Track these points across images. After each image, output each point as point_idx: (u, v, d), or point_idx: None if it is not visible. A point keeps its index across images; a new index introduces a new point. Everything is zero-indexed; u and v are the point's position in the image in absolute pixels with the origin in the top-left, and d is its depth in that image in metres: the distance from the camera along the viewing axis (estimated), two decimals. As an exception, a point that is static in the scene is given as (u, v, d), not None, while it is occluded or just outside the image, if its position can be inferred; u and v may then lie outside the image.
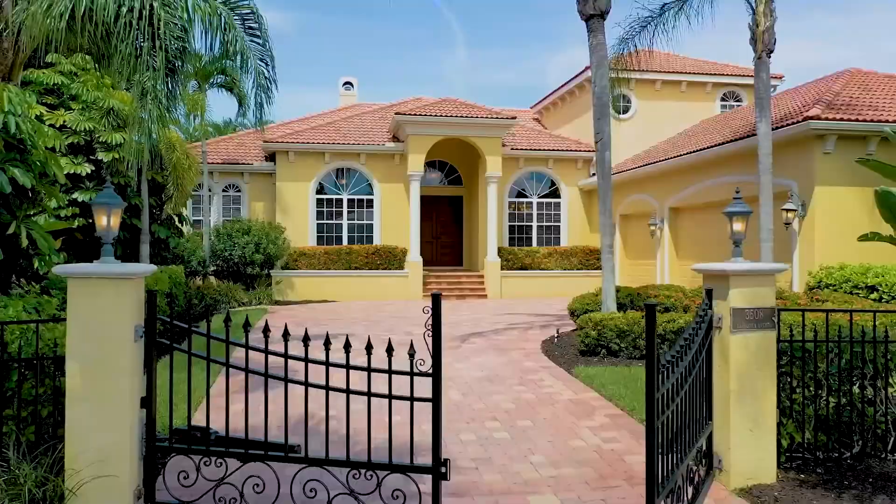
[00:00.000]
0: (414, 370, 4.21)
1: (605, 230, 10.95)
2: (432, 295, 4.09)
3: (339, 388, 4.35)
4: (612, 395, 7.84)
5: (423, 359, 4.23)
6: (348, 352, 4.24)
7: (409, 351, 4.23)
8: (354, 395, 4.26)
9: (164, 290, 11.47)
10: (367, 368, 4.21)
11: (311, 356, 4.45)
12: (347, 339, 4.26)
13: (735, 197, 5.89)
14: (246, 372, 4.43)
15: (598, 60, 10.86)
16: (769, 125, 11.95)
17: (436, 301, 4.09)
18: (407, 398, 4.25)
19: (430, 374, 4.18)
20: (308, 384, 4.29)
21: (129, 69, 6.83)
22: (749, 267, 5.50)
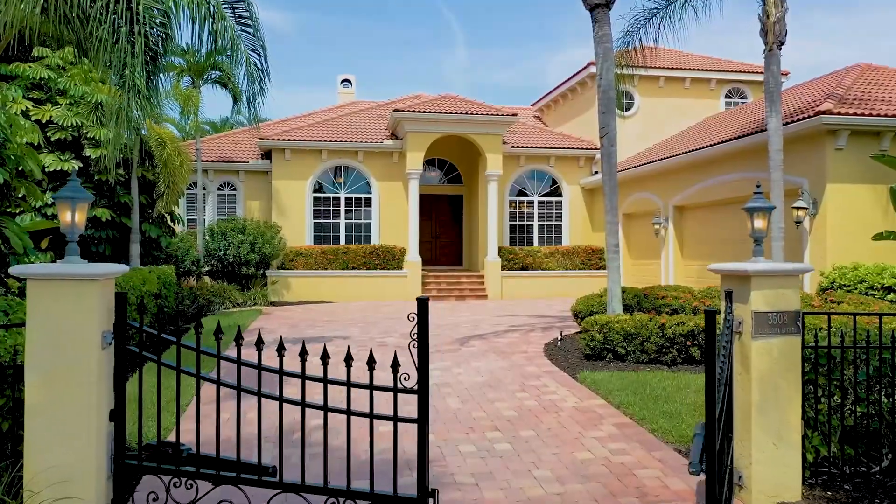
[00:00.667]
0: (398, 386, 3.72)
1: (610, 229, 10.53)
2: (418, 300, 3.64)
3: (317, 404, 3.90)
4: (620, 402, 7.41)
5: (408, 373, 3.78)
6: (326, 363, 3.76)
7: (392, 364, 3.72)
8: (333, 413, 3.80)
9: (152, 292, 11.04)
10: (347, 383, 3.74)
11: (292, 368, 3.99)
12: (325, 350, 3.81)
13: (756, 192, 5.47)
14: (217, 385, 4.00)
15: (604, 52, 10.44)
16: (780, 120, 11.52)
17: (422, 306, 3.63)
18: (389, 418, 3.78)
19: (416, 392, 3.69)
20: (283, 400, 3.83)
21: (107, 55, 6.42)
22: (772, 267, 5.08)
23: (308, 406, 3.79)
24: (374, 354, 3.93)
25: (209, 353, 4.03)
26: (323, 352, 3.77)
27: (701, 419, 6.79)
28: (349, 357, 3.67)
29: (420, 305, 3.62)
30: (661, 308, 10.60)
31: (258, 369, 3.81)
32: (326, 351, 3.75)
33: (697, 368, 8.99)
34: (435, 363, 9.67)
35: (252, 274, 19.36)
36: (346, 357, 3.68)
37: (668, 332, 8.98)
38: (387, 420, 3.79)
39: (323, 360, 3.71)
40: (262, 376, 3.88)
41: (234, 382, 3.95)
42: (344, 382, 3.72)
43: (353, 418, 3.79)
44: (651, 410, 7.06)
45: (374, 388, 3.68)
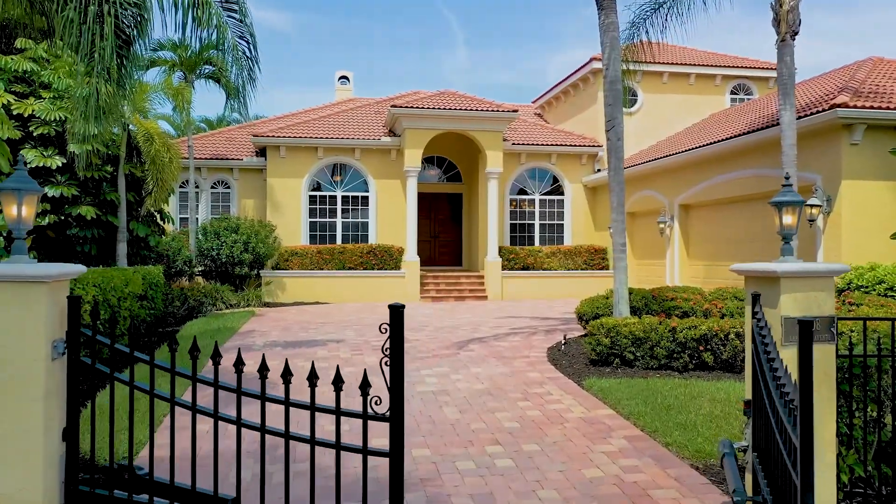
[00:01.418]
0: (368, 412, 3.14)
1: (617, 227, 10.02)
2: (391, 308, 3.10)
3: (278, 430, 3.34)
4: (630, 412, 6.90)
5: (379, 396, 3.22)
6: (287, 382, 3.20)
7: (361, 384, 3.15)
8: (295, 441, 3.26)
9: (135, 293, 10.53)
10: (311, 406, 3.18)
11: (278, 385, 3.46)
12: (287, 366, 3.25)
13: (784, 184, 4.96)
14: (172, 404, 3.47)
15: (611, 41, 9.93)
16: (794, 114, 11.02)
17: (395, 315, 3.06)
18: (358, 450, 3.20)
19: (388, 419, 3.14)
20: (241, 424, 3.28)
21: (73, 38, 5.92)
22: (803, 268, 4.57)
23: (267, 432, 3.25)
24: (364, 358, 3.38)
25: (162, 366, 3.50)
26: (284, 368, 3.21)
27: (720, 432, 6.30)
28: (312, 375, 3.11)
29: (393, 314, 3.05)
30: (671, 310, 10.10)
31: (215, 388, 3.28)
32: (288, 368, 3.18)
33: (710, 375, 8.49)
34: (432, 368, 9.17)
35: (246, 274, 18.85)
36: (309, 375, 3.13)
37: (679, 337, 8.47)
38: (355, 452, 3.22)
39: (284, 377, 3.17)
40: (218, 396, 3.33)
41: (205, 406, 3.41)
42: (307, 405, 3.15)
43: (311, 464, 3.25)
44: (664, 422, 6.55)
45: (342, 414, 3.12)
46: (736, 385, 7.89)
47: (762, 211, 14.41)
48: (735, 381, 8.20)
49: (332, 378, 3.27)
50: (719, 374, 8.48)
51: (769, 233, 14.10)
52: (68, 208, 12.84)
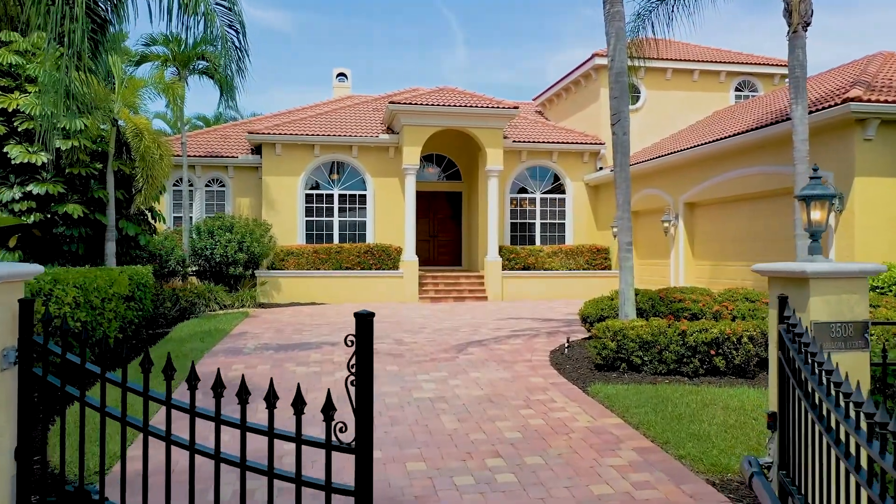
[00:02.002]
0: (332, 440, 2.68)
1: (623, 225, 9.60)
2: (357, 316, 2.66)
3: (233, 458, 2.88)
4: (640, 422, 6.49)
5: (344, 423, 2.75)
6: (244, 402, 2.75)
7: (324, 407, 2.68)
8: (253, 472, 2.82)
9: (121, 294, 10.11)
10: (269, 432, 2.71)
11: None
12: (243, 381, 2.80)
13: (812, 177, 4.55)
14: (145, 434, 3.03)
15: (616, 31, 9.51)
16: (806, 108, 10.59)
17: (364, 326, 2.62)
18: (321, 486, 2.74)
19: (354, 450, 2.68)
20: (194, 450, 2.81)
21: (40, 18, 5.51)
22: (835, 268, 4.16)
23: (223, 461, 2.80)
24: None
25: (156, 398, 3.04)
26: (240, 385, 2.76)
27: (736, 444, 5.88)
28: (271, 394, 2.67)
29: (360, 324, 2.61)
30: (679, 312, 9.68)
31: (167, 406, 2.84)
32: (245, 384, 2.73)
33: (722, 381, 8.07)
34: (429, 373, 8.75)
35: (240, 274, 18.43)
36: (266, 394, 2.68)
37: (689, 340, 8.05)
38: (317, 488, 2.77)
39: (239, 395, 2.72)
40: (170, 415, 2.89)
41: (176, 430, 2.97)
42: (264, 430, 2.69)
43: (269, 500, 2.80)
44: (675, 432, 6.14)
45: (303, 442, 2.66)
46: (750, 392, 7.47)
47: (770, 209, 13.99)
48: (748, 387, 7.79)
49: (322, 387, 2.85)
50: (731, 380, 8.07)
51: (785, 231, 13.69)
52: (54, 206, 12.43)
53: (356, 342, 2.51)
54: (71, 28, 5.40)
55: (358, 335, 2.53)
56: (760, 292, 10.44)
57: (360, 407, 2.55)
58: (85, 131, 12.52)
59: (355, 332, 2.56)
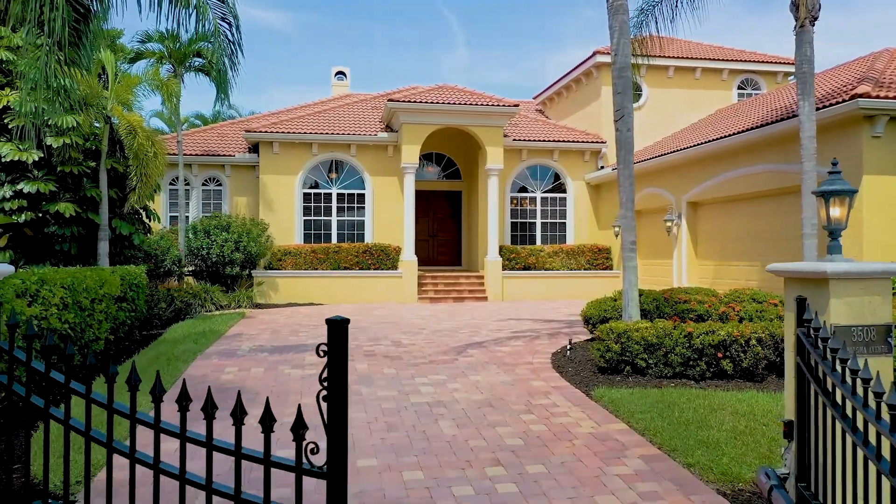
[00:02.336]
0: (303, 463, 2.38)
1: (626, 224, 9.35)
2: (330, 323, 2.37)
3: (198, 480, 2.58)
4: (646, 428, 6.24)
5: (316, 443, 2.44)
6: (210, 417, 2.47)
7: (294, 425, 2.39)
8: (220, 496, 2.53)
9: (112, 295, 9.86)
10: (236, 452, 2.41)
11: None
12: (209, 395, 2.52)
13: (831, 171, 4.32)
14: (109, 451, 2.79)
15: (620, 25, 9.26)
16: (813, 105, 10.35)
17: (336, 332, 2.31)
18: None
19: (325, 475, 2.38)
20: (158, 470, 2.52)
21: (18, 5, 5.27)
22: (857, 268, 3.92)
23: (187, 482, 2.53)
24: (355, 365, 2.65)
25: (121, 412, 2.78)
26: (206, 399, 2.48)
27: (747, 451, 5.64)
28: (238, 409, 2.38)
29: (333, 332, 2.29)
30: (685, 314, 9.43)
31: (107, 411, 2.57)
32: (212, 399, 2.45)
33: (730, 384, 7.83)
34: (428, 376, 8.51)
35: (237, 274, 18.18)
36: (233, 410, 2.39)
37: (695, 343, 7.80)
38: None
39: (205, 409, 2.45)
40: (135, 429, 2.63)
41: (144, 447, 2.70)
42: (231, 450, 2.40)
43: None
44: (683, 439, 5.90)
45: (272, 464, 2.37)
46: (759, 396, 7.23)
47: (776, 208, 13.75)
48: (757, 391, 7.55)
49: (315, 392, 2.59)
50: (739, 384, 7.82)
51: (792, 231, 13.44)
52: (46, 205, 12.19)
53: (328, 352, 2.24)
54: (51, 17, 5.16)
55: (331, 344, 2.25)
56: (767, 293, 10.20)
57: (333, 426, 2.27)
58: (77, 128, 12.28)
59: (327, 341, 2.28)
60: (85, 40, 6.25)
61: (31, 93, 7.55)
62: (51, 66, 5.79)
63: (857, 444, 2.76)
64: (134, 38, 17.32)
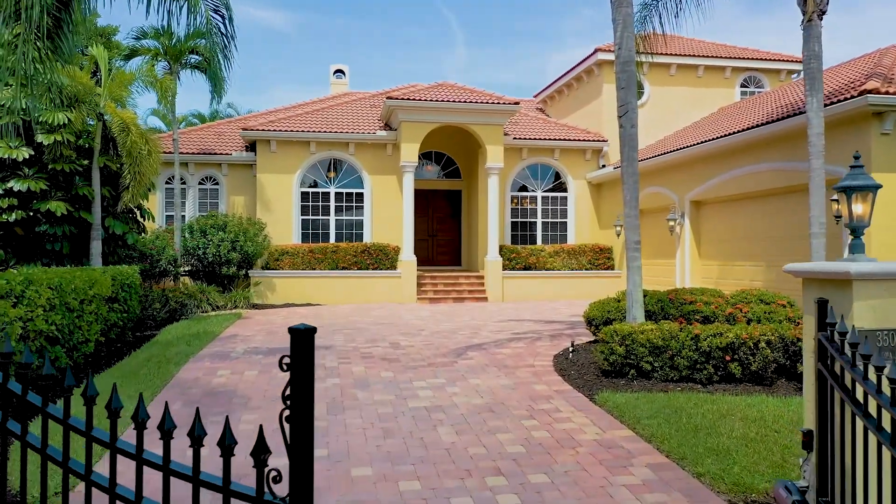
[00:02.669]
0: (264, 493, 2.00)
1: (630, 223, 9.10)
2: (293, 332, 1.97)
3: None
4: (653, 434, 5.99)
5: (279, 471, 2.02)
6: (167, 437, 2.08)
7: (253, 451, 1.99)
8: None
9: (102, 296, 9.61)
10: (194, 478, 2.01)
11: None
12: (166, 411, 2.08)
13: (853, 165, 4.07)
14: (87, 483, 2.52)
15: (624, 18, 9.02)
16: (821, 101, 10.10)
17: (301, 343, 1.94)
18: None
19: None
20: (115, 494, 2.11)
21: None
22: (883, 268, 3.67)
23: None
24: (351, 368, 2.32)
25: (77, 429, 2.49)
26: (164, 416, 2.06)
27: (760, 460, 5.39)
28: (195, 429, 1.97)
29: (297, 342, 1.93)
30: (690, 315, 9.18)
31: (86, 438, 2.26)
32: (168, 414, 2.07)
33: (738, 388, 7.58)
34: (426, 380, 8.26)
35: (234, 274, 17.93)
36: (190, 429, 1.98)
37: (702, 345, 7.55)
38: None
39: (161, 428, 2.02)
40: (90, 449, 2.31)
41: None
42: (189, 476, 2.00)
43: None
44: (692, 446, 5.65)
45: (231, 494, 2.00)
46: (769, 401, 6.98)
47: (782, 207, 13.51)
48: (766, 395, 7.30)
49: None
50: (748, 388, 7.57)
51: (799, 230, 13.20)
52: (37, 204, 11.94)
53: (291, 366, 1.94)
54: (28, 3, 4.93)
55: (294, 356, 1.92)
56: (775, 293, 9.95)
57: (298, 451, 1.92)
58: (69, 125, 12.04)
59: (290, 353, 1.97)
60: (66, 30, 6.01)
61: (22, 88, 7.30)
62: (29, 56, 5.54)
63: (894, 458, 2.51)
64: (129, 35, 17.08)
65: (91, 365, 9.32)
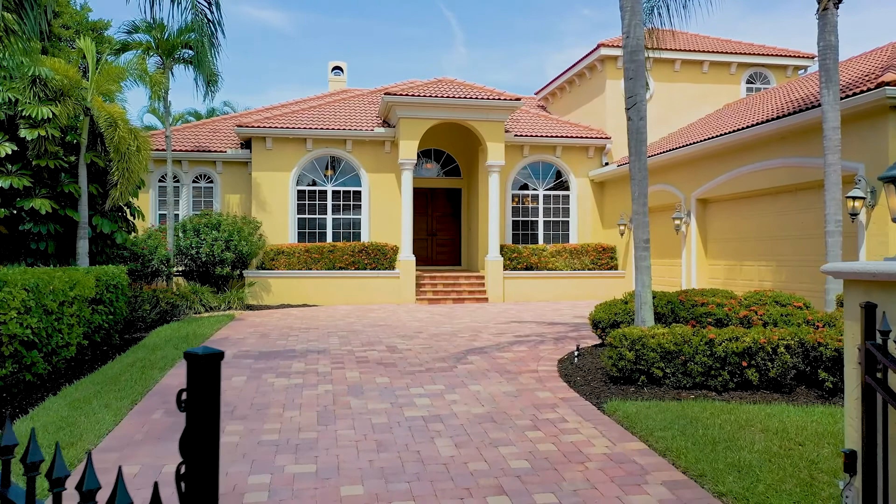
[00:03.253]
0: None
1: (639, 221, 8.64)
2: (189, 359, 1.33)
3: None
4: (667, 448, 5.54)
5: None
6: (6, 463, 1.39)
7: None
8: None
9: (85, 297, 9.17)
10: None
11: None
12: (89, 469, 1.47)
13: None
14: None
15: (632, 5, 8.55)
16: (837, 94, 9.67)
17: (203, 376, 1.32)
18: None
19: None
20: None
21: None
22: (941, 268, 3.22)
23: None
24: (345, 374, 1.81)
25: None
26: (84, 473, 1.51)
27: (786, 477, 4.93)
28: (54, 474, 1.35)
29: (197, 371, 1.32)
30: (702, 318, 8.72)
31: None
32: (91, 469, 1.51)
33: (755, 396, 7.13)
34: (424, 386, 7.81)
35: (228, 274, 17.48)
36: (78, 483, 1.33)
37: (717, 350, 7.10)
38: None
39: (81, 495, 1.41)
40: None
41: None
42: None
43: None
44: (711, 461, 5.20)
45: None
46: (790, 410, 6.53)
47: (794, 205, 13.06)
48: (786, 403, 6.85)
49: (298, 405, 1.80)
50: (766, 395, 7.12)
51: (801, 229, 12.76)
52: (20, 201, 11.50)
53: (187, 405, 1.37)
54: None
55: (193, 392, 1.31)
56: (789, 294, 9.50)
57: None
58: (54, 120, 11.59)
59: (188, 386, 1.39)
60: (28, 8, 5.56)
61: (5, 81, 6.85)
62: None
63: None
64: (120, 29, 16.64)
65: (73, 370, 8.89)
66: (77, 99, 12.16)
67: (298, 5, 74.87)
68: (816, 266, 12.04)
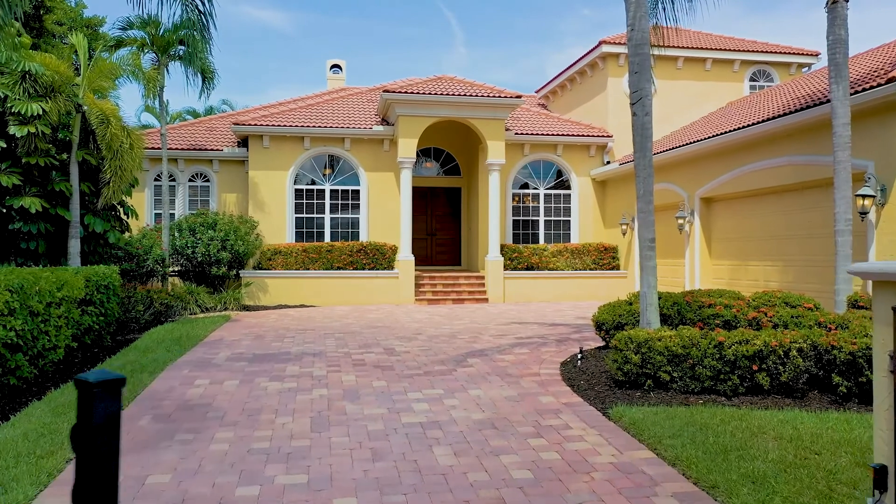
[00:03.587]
0: None
1: (644, 219, 8.38)
2: (78, 385, 1.00)
3: None
4: (677, 457, 5.28)
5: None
6: None
7: None
8: None
9: (74, 298, 8.90)
10: None
11: None
12: None
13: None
14: None
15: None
16: (847, 89, 9.42)
17: (98, 405, 1.01)
18: None
19: None
20: None
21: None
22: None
23: None
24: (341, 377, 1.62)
25: None
26: None
27: (803, 489, 4.67)
28: None
29: (90, 402, 1.02)
30: (710, 320, 8.46)
31: None
32: None
33: (767, 401, 6.86)
34: (422, 391, 7.55)
35: (224, 275, 17.22)
36: None
37: (727, 353, 6.84)
38: None
39: None
40: None
41: None
42: None
43: None
44: (723, 471, 4.94)
45: None
46: (803, 416, 6.27)
47: (800, 203, 12.80)
48: (799, 409, 6.59)
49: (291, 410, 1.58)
50: (777, 400, 6.86)
51: (808, 229, 12.50)
52: (9, 200, 11.24)
53: (77, 445, 1.02)
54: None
55: (84, 427, 1.01)
56: (800, 295, 9.24)
57: None
58: (44, 117, 11.33)
59: (77, 421, 1.03)
60: None
61: None
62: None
63: None
64: (115, 26, 16.38)
65: (61, 373, 8.62)
66: (68, 95, 11.90)
67: (298, 5, 74.60)
68: (824, 266, 11.79)
